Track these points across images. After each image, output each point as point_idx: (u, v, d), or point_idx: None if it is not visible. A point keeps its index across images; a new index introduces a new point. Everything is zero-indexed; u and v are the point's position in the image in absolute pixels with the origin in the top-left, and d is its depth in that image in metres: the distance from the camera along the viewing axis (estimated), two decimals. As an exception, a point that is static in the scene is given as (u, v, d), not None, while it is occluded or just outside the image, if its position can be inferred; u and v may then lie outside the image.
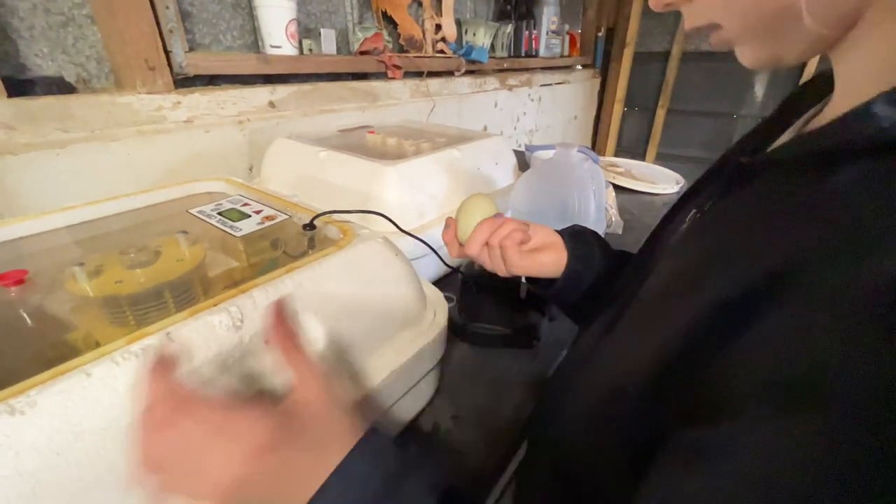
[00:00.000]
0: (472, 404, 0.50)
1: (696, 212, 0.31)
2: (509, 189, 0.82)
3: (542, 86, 1.92)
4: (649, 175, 1.26)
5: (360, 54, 1.08)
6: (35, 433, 0.22)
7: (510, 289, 0.57)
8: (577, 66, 2.22)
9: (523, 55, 1.76)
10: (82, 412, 0.23)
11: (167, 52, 0.74)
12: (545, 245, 0.44)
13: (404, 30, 1.22)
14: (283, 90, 0.93)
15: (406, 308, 0.43)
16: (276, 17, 0.87)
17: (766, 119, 0.32)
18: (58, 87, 0.69)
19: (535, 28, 1.75)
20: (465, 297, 0.61)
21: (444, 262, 0.55)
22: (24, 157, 0.63)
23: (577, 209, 0.69)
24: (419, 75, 1.28)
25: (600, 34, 2.21)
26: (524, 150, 1.22)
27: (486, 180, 0.82)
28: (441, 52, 1.33)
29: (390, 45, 1.17)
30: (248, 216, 0.47)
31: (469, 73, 1.44)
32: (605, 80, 2.40)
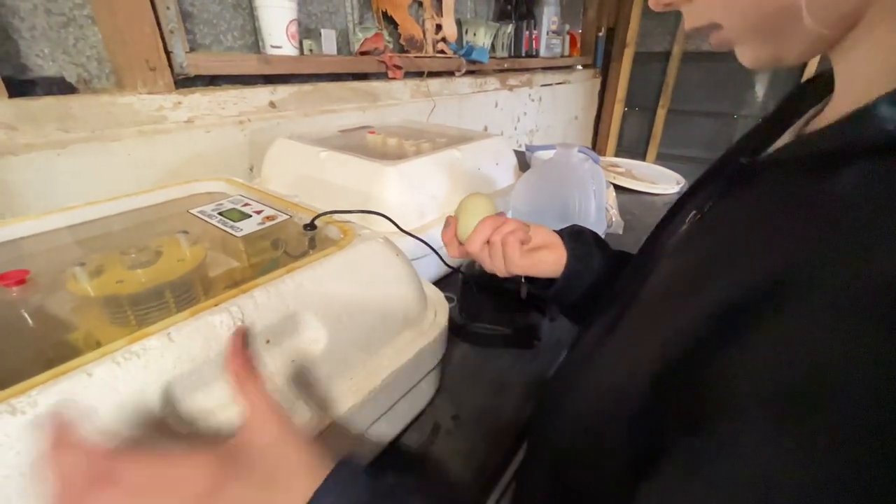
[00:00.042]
0: (473, 404, 0.50)
1: (695, 213, 0.31)
2: (510, 189, 0.81)
3: (542, 86, 1.92)
4: (650, 175, 1.26)
5: (361, 54, 1.08)
6: (36, 433, 0.22)
7: (511, 289, 0.57)
8: (578, 67, 2.22)
9: (524, 55, 1.76)
10: (83, 412, 0.23)
11: (168, 53, 0.74)
12: (545, 244, 0.44)
13: (405, 30, 1.22)
14: (284, 90, 0.94)
15: (407, 308, 0.43)
16: (277, 17, 0.87)
17: (765, 119, 0.32)
18: (59, 87, 0.69)
19: (535, 28, 1.75)
20: (466, 298, 0.61)
21: (445, 263, 0.55)
22: (25, 158, 0.63)
23: (578, 209, 0.69)
24: (420, 75, 1.28)
25: (601, 34, 2.21)
26: (525, 150, 1.22)
27: (487, 180, 0.82)
28: (441, 52, 1.33)
29: (391, 46, 1.17)
30: (249, 216, 0.47)
31: (469, 73, 1.44)
32: (605, 81, 2.40)
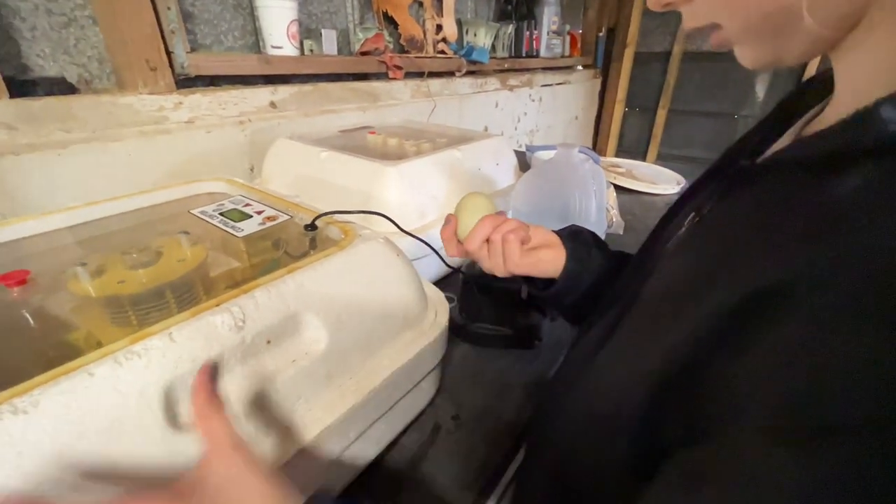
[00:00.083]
0: (473, 404, 0.50)
1: (694, 215, 0.31)
2: (510, 189, 0.82)
3: (542, 86, 1.92)
4: (650, 175, 1.26)
5: (361, 55, 1.09)
6: (38, 433, 0.22)
7: (511, 289, 0.57)
8: (578, 67, 2.22)
9: (524, 55, 1.76)
10: (85, 412, 0.23)
11: (169, 53, 0.74)
12: (544, 244, 0.44)
13: (405, 30, 1.22)
14: (285, 90, 0.94)
15: (407, 308, 0.43)
16: (278, 17, 0.87)
17: (764, 120, 0.31)
18: (59, 87, 0.69)
19: (535, 28, 1.75)
20: (466, 298, 0.61)
21: (446, 263, 0.55)
22: (26, 158, 0.63)
23: (578, 210, 0.69)
24: (420, 76, 1.28)
25: (601, 34, 2.21)
26: (525, 150, 1.22)
27: (487, 181, 0.82)
28: (442, 52, 1.33)
29: (391, 46, 1.17)
30: (250, 216, 0.47)
31: (470, 73, 1.44)
32: (605, 81, 2.40)
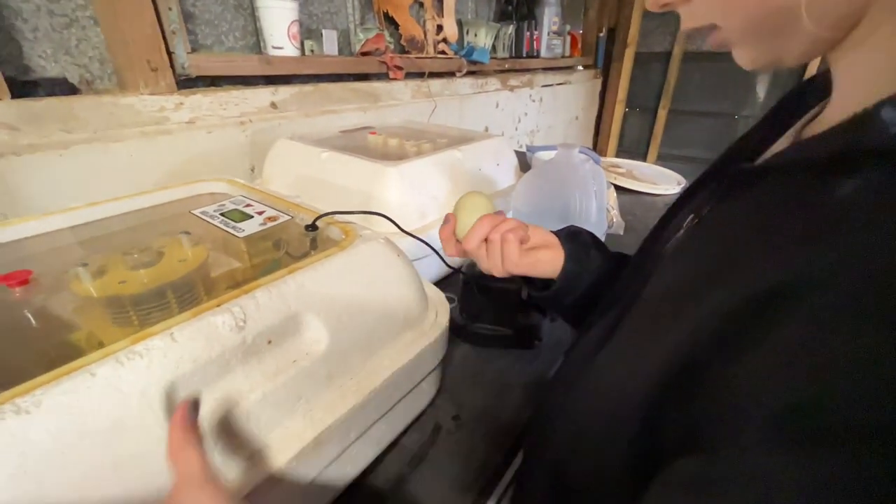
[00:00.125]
0: (474, 405, 0.50)
1: (693, 217, 0.30)
2: (510, 190, 0.82)
3: (543, 86, 1.92)
4: (651, 176, 1.26)
5: (362, 55, 1.09)
6: (40, 432, 0.22)
7: (511, 290, 0.57)
8: (579, 67, 2.22)
9: (524, 56, 1.76)
10: (87, 412, 0.24)
11: (170, 54, 0.74)
12: (542, 245, 0.44)
13: (406, 31, 1.22)
14: (285, 91, 0.94)
15: (408, 308, 0.43)
16: (278, 18, 0.88)
17: (762, 121, 0.31)
18: (61, 88, 0.69)
19: (536, 29, 1.75)
20: (467, 298, 0.61)
21: (446, 263, 0.55)
22: (28, 158, 0.63)
23: (579, 210, 0.69)
24: (420, 76, 1.28)
25: (601, 35, 2.21)
26: (525, 150, 1.22)
27: (488, 181, 0.82)
28: (442, 52, 1.33)
29: (392, 46, 1.17)
30: (251, 217, 0.47)
31: (470, 73, 1.44)
32: (606, 81, 2.40)
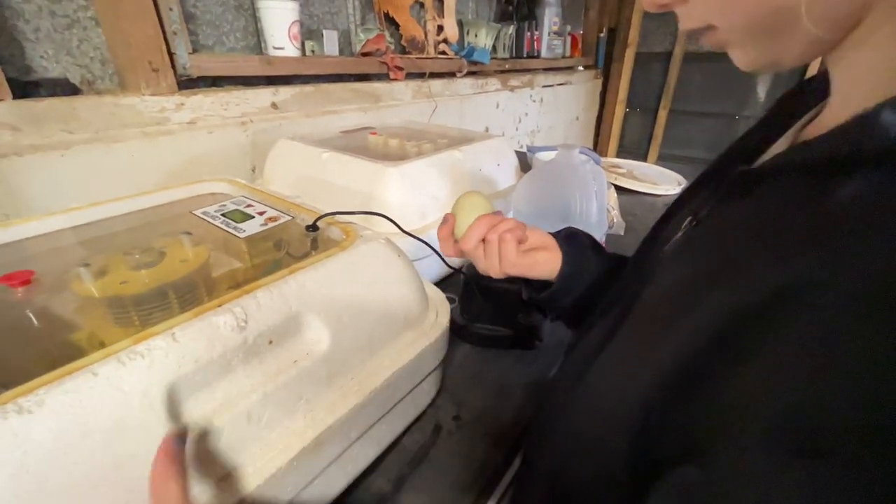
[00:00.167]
0: (474, 405, 0.50)
1: (691, 219, 0.30)
2: (511, 190, 0.82)
3: (543, 87, 1.92)
4: (651, 176, 1.26)
5: (363, 55, 1.09)
6: (43, 432, 0.22)
7: (512, 290, 0.57)
8: (579, 67, 2.22)
9: (525, 56, 1.76)
10: (89, 412, 0.24)
11: (171, 54, 0.74)
12: (540, 246, 0.44)
13: (406, 31, 1.22)
14: (286, 91, 0.94)
15: (408, 309, 0.43)
16: (279, 18, 0.88)
17: (759, 123, 0.31)
18: (62, 88, 0.69)
19: (536, 29, 1.75)
20: (467, 298, 0.61)
21: (447, 263, 0.55)
22: (30, 159, 0.63)
23: (579, 210, 0.69)
24: (421, 76, 1.28)
25: (602, 35, 2.21)
26: (526, 151, 1.22)
27: (488, 181, 0.82)
28: (443, 53, 1.33)
29: (392, 47, 1.17)
30: (252, 217, 0.47)
31: (471, 74, 1.44)
32: (606, 81, 2.40)
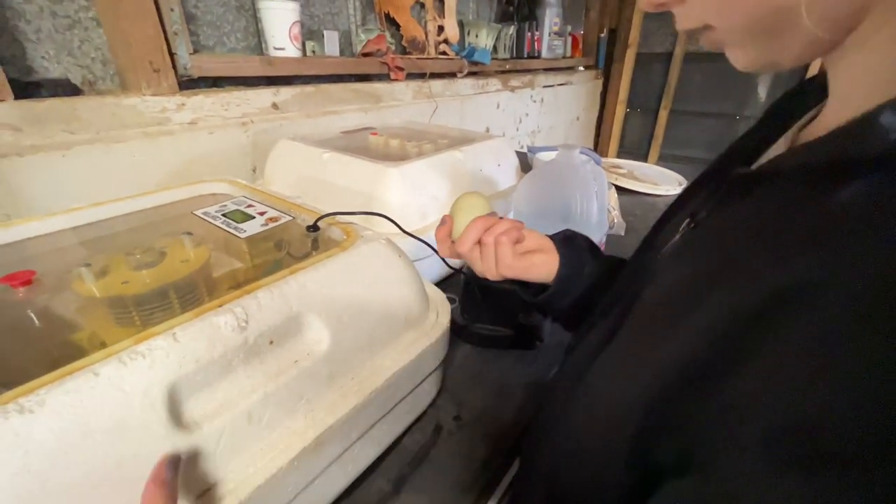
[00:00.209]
0: (475, 405, 0.50)
1: (689, 221, 0.30)
2: (511, 191, 0.82)
3: (544, 87, 1.92)
4: (652, 176, 1.26)
5: (363, 56, 1.09)
6: (44, 432, 0.22)
7: (512, 290, 0.57)
8: (580, 68, 2.22)
9: (526, 56, 1.76)
10: (90, 411, 0.24)
11: (172, 55, 0.75)
12: (537, 249, 0.44)
13: (407, 31, 1.22)
14: (287, 92, 0.94)
15: (409, 309, 0.43)
16: (280, 19, 0.88)
17: (757, 125, 0.31)
18: (63, 89, 0.70)
19: (537, 29, 1.75)
20: (468, 298, 0.61)
21: (447, 264, 0.55)
22: (31, 159, 0.63)
23: (580, 211, 0.69)
24: (422, 77, 1.28)
25: (603, 35, 2.21)
26: (526, 151, 1.22)
27: (489, 182, 0.82)
28: (444, 53, 1.33)
29: (393, 47, 1.17)
30: (252, 217, 0.47)
31: (471, 74, 1.44)
32: (607, 81, 2.40)
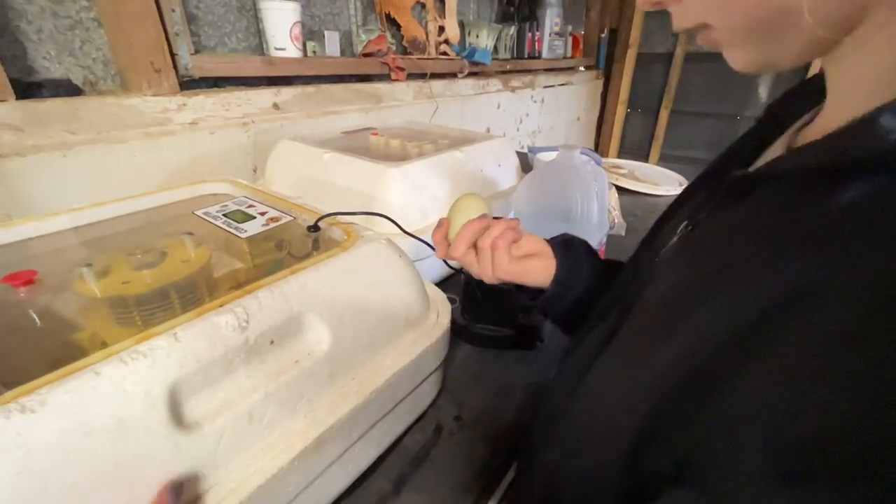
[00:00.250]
0: (475, 405, 0.50)
1: (687, 223, 0.30)
2: (512, 191, 0.82)
3: (545, 87, 1.92)
4: (652, 176, 1.26)
5: (364, 56, 1.09)
6: (45, 432, 0.22)
7: (512, 290, 0.57)
8: (580, 68, 2.22)
9: (526, 57, 1.76)
10: (91, 411, 0.24)
11: (173, 55, 0.75)
12: (534, 252, 0.44)
13: (408, 32, 1.22)
14: (288, 92, 0.94)
15: (409, 309, 0.43)
16: (281, 19, 0.88)
17: (756, 124, 0.31)
18: (65, 89, 0.70)
19: (538, 30, 1.75)
20: (468, 299, 0.61)
21: (447, 264, 0.56)
22: (32, 159, 0.63)
23: (580, 211, 0.69)
24: (422, 77, 1.28)
25: (603, 35, 2.21)
26: (527, 151, 1.22)
27: (489, 182, 0.82)
28: (444, 54, 1.33)
29: (394, 47, 1.18)
30: (253, 218, 0.47)
31: (472, 74, 1.44)
32: (608, 82, 2.40)
